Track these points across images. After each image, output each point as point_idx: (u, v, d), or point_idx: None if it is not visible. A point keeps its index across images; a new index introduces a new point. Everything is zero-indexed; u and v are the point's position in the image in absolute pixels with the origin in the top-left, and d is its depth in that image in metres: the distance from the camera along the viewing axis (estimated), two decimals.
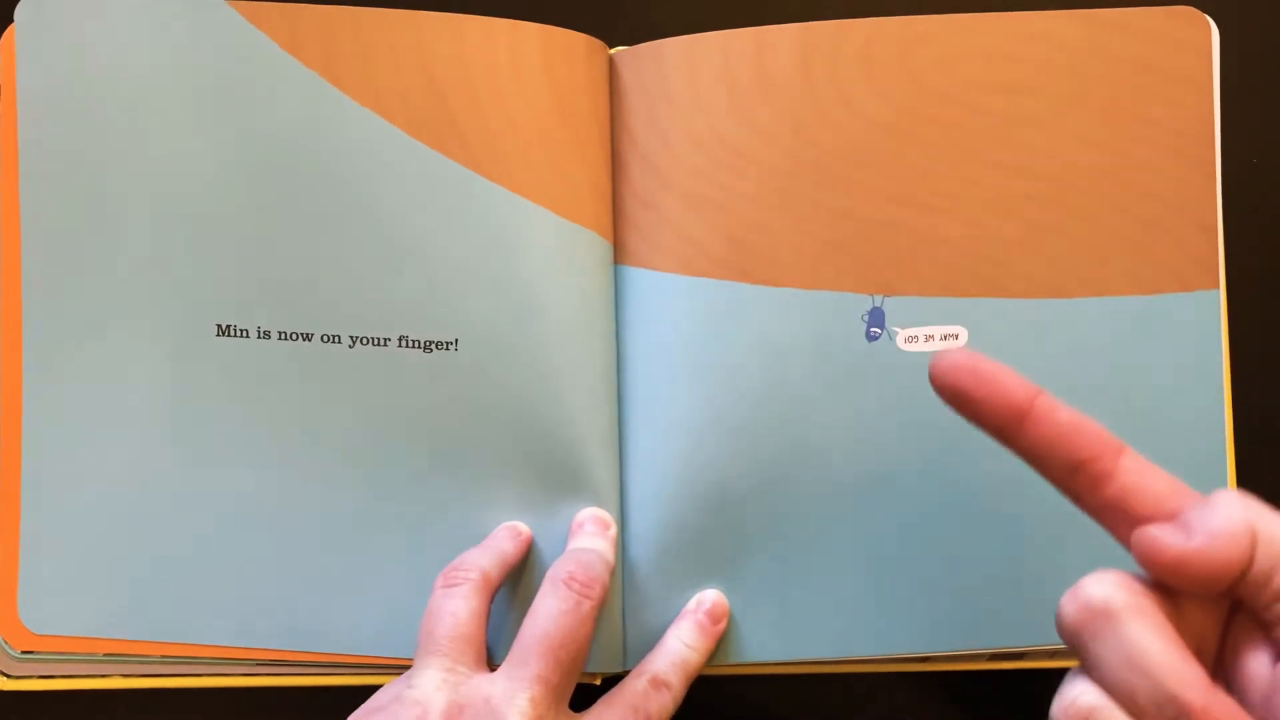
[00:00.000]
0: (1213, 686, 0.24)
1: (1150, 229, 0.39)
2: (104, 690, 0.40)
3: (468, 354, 0.38)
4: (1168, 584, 0.25)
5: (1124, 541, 0.26)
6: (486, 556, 0.36)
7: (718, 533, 0.38)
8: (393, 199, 0.38)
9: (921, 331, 0.39)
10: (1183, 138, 0.39)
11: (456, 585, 0.35)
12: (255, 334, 0.39)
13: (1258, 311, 0.41)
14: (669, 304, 0.39)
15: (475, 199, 0.38)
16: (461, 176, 0.38)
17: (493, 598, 0.36)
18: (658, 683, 0.36)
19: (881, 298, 0.39)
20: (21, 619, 0.39)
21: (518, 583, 0.38)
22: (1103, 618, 0.24)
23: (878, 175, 0.39)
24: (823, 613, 0.39)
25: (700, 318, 0.39)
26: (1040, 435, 0.26)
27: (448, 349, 0.38)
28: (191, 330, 0.39)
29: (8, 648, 0.39)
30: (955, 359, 0.27)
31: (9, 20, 0.39)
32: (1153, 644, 0.24)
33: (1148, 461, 0.26)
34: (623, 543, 0.39)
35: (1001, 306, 0.39)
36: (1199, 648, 0.25)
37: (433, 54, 0.38)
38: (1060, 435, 0.26)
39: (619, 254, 0.40)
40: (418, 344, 0.38)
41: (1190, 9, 0.39)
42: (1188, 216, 0.39)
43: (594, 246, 0.39)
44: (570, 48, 0.39)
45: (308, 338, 0.39)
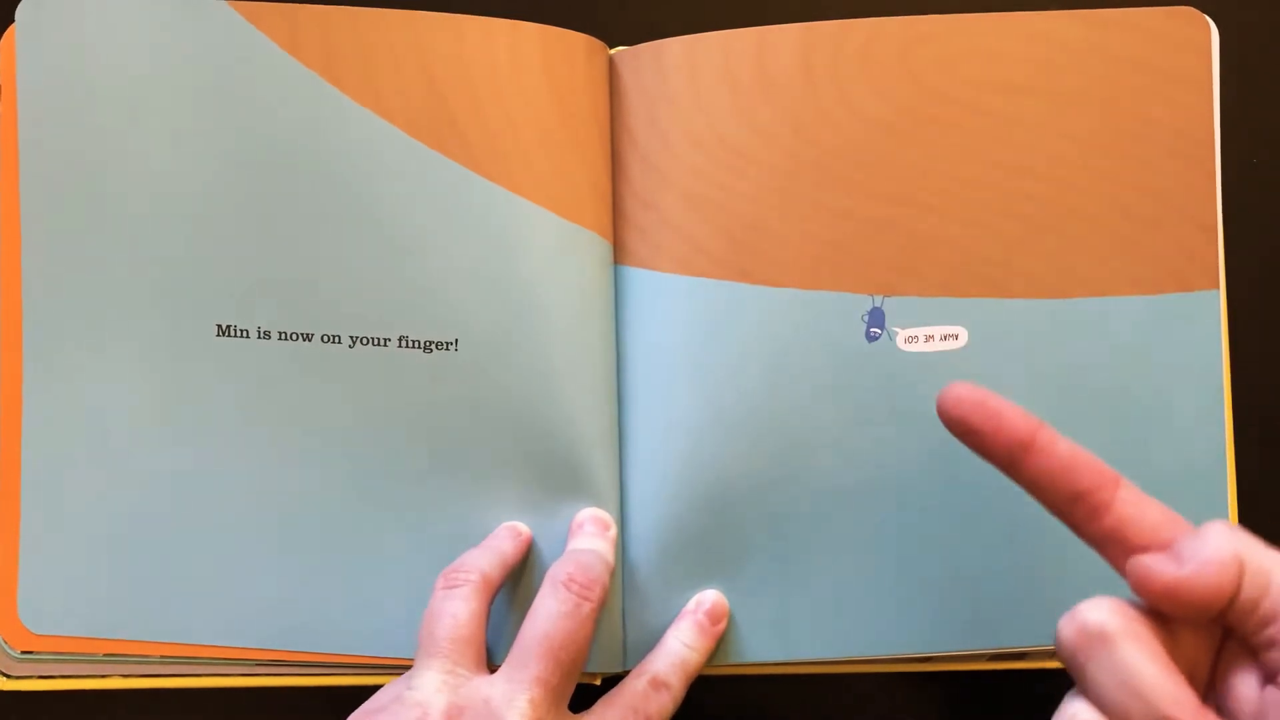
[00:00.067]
0: (1203, 708, 0.25)
1: (1150, 229, 0.39)
2: (104, 690, 0.40)
3: (468, 354, 0.38)
4: (1161, 610, 0.26)
5: (1120, 569, 0.27)
6: (486, 557, 0.36)
7: (718, 533, 0.38)
8: (393, 199, 0.38)
9: (921, 331, 0.39)
10: (1183, 138, 0.39)
11: (457, 586, 0.35)
12: (255, 334, 0.39)
13: (1258, 311, 0.41)
14: (669, 304, 0.39)
15: (475, 199, 0.38)
16: (461, 177, 0.38)
17: (493, 599, 0.36)
18: (657, 683, 0.36)
19: (881, 298, 0.39)
20: (21, 619, 0.39)
21: (518, 583, 0.38)
22: (1098, 640, 0.26)
23: (878, 175, 0.39)
24: (823, 613, 0.39)
25: (700, 318, 0.39)
26: (1041, 467, 0.28)
27: (448, 349, 0.38)
28: (191, 330, 0.39)
29: (8, 648, 0.39)
30: (962, 394, 0.29)
31: (10, 20, 0.39)
32: (1146, 666, 0.25)
33: (1144, 493, 0.28)
34: (623, 543, 0.39)
35: (1001, 306, 0.39)
36: (1192, 672, 0.27)
37: (433, 54, 0.38)
38: (1060, 467, 0.28)
39: (619, 254, 0.40)
40: (418, 344, 0.38)
41: (1190, 9, 0.39)
42: (1188, 216, 0.39)
43: (594, 246, 0.39)
44: (570, 48, 0.39)
45: (308, 338, 0.39)
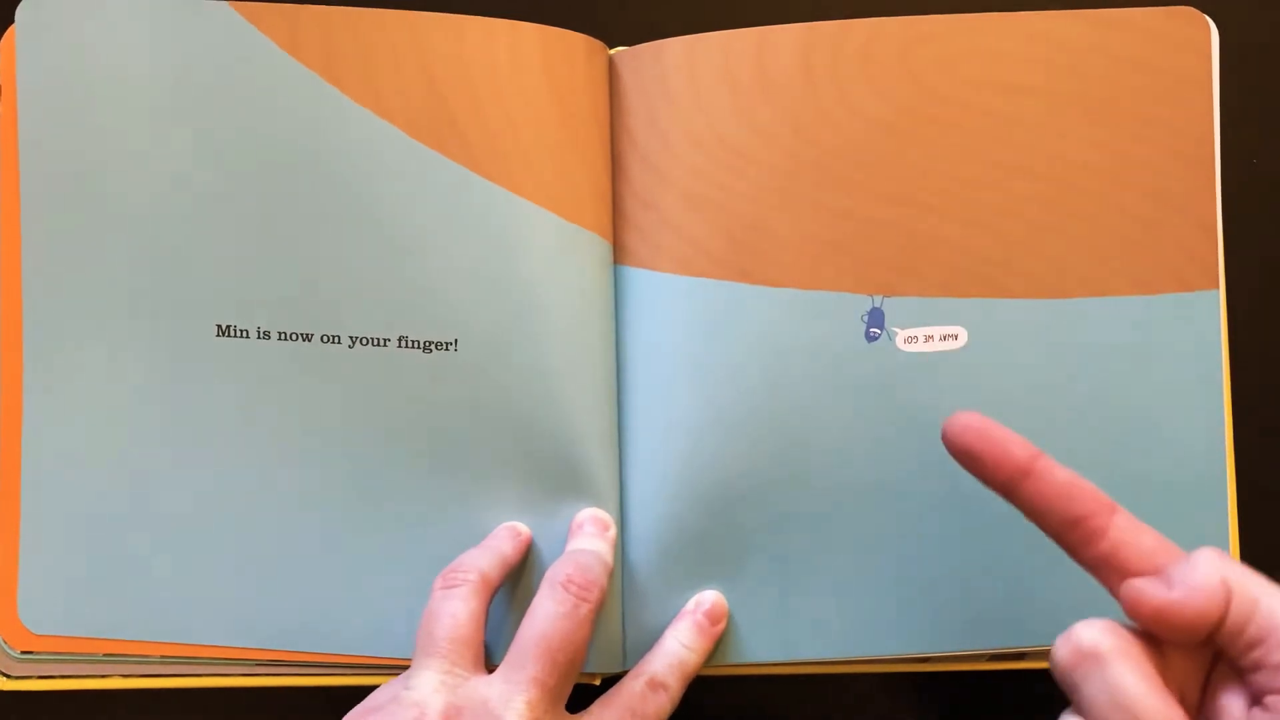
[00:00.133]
0: None
1: (1150, 229, 0.39)
2: (104, 690, 0.40)
3: (468, 354, 0.38)
4: (1152, 632, 0.28)
5: (1114, 593, 0.28)
6: (486, 558, 0.36)
7: (717, 533, 0.38)
8: (392, 199, 0.38)
9: (921, 332, 0.39)
10: (1183, 138, 0.39)
11: (456, 587, 0.35)
12: (255, 334, 0.39)
13: (1258, 311, 0.41)
14: (669, 304, 0.39)
15: (475, 199, 0.38)
16: (461, 177, 0.38)
17: (492, 599, 0.36)
18: (655, 684, 0.36)
19: (881, 298, 0.39)
20: (21, 619, 0.39)
21: (517, 583, 0.38)
22: (1091, 659, 0.27)
23: (878, 175, 0.39)
24: (822, 613, 0.39)
25: (700, 318, 0.39)
26: (1040, 493, 0.29)
27: (448, 349, 0.38)
28: (191, 330, 0.39)
29: (8, 648, 0.39)
30: (967, 422, 0.30)
31: (10, 21, 0.39)
32: (1136, 685, 0.26)
33: (1138, 521, 0.29)
34: (622, 543, 0.39)
35: (1001, 306, 0.39)
36: (1182, 694, 0.28)
37: (433, 54, 0.38)
38: (1058, 494, 0.29)
39: (619, 254, 0.40)
40: (418, 344, 0.38)
41: (1190, 9, 0.39)
42: (1188, 216, 0.39)
43: (594, 247, 0.39)
44: (570, 48, 0.39)
45: (308, 338, 0.39)
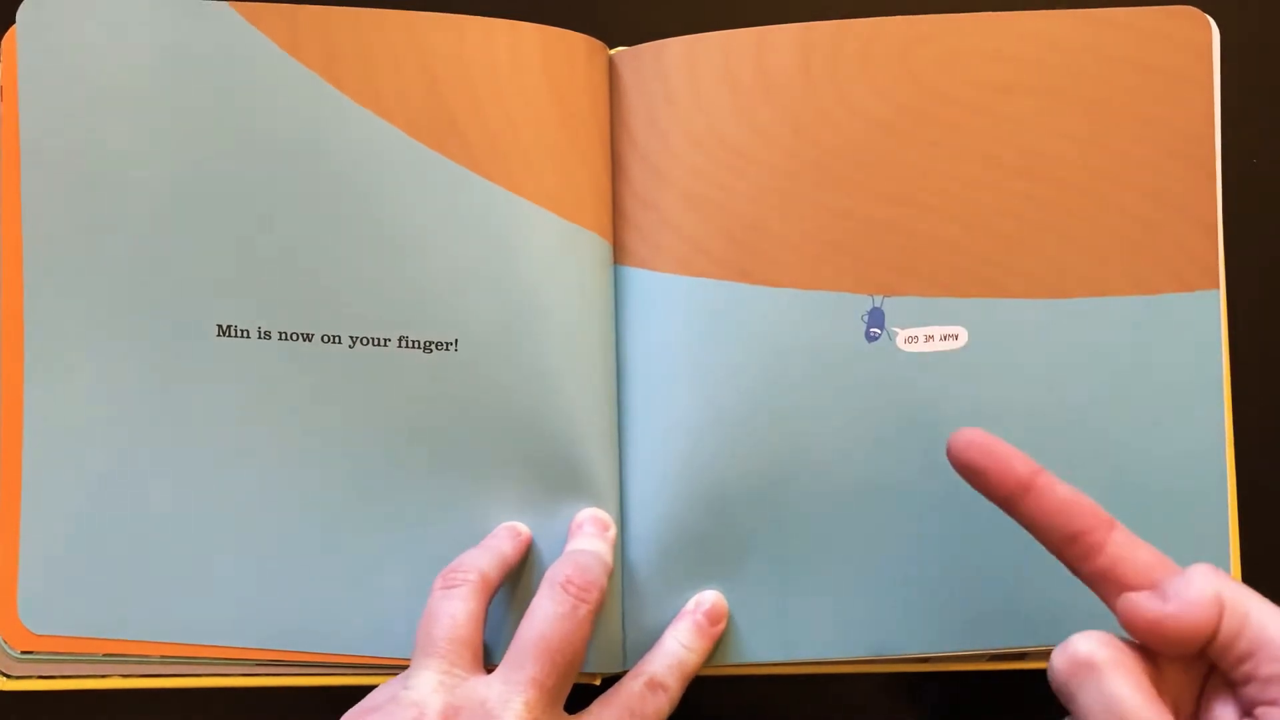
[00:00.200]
0: None
1: (1150, 229, 0.39)
2: (104, 690, 0.40)
3: (468, 354, 0.38)
4: (1147, 644, 0.28)
5: (1111, 606, 0.29)
6: (485, 558, 0.36)
7: (717, 533, 0.38)
8: (393, 200, 0.38)
9: (921, 331, 0.39)
10: (1183, 138, 0.39)
11: (455, 587, 0.35)
12: (255, 334, 0.39)
13: (1258, 311, 0.41)
14: (669, 304, 0.39)
15: (475, 199, 0.38)
16: (461, 177, 0.38)
17: (491, 599, 0.36)
18: (654, 684, 0.36)
19: (881, 298, 0.39)
20: (21, 619, 0.39)
21: (517, 583, 0.38)
22: (1086, 669, 0.28)
23: (878, 175, 0.39)
24: (822, 613, 0.39)
25: (700, 318, 0.39)
26: (1040, 508, 0.30)
27: (448, 349, 0.38)
28: (191, 330, 0.39)
29: (8, 648, 0.39)
30: (970, 438, 0.31)
31: (10, 21, 0.39)
32: (1130, 695, 0.27)
33: (1136, 537, 0.30)
34: (622, 543, 0.39)
35: (1001, 306, 0.39)
36: (1176, 706, 0.29)
37: (433, 54, 0.38)
38: (1058, 509, 0.30)
39: (619, 254, 0.40)
40: (418, 344, 0.38)
41: (1190, 8, 0.39)
42: (1188, 216, 0.39)
43: (594, 247, 0.39)
44: (570, 48, 0.39)
45: (308, 338, 0.39)
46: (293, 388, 0.39)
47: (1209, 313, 0.39)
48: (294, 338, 0.39)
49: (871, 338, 0.39)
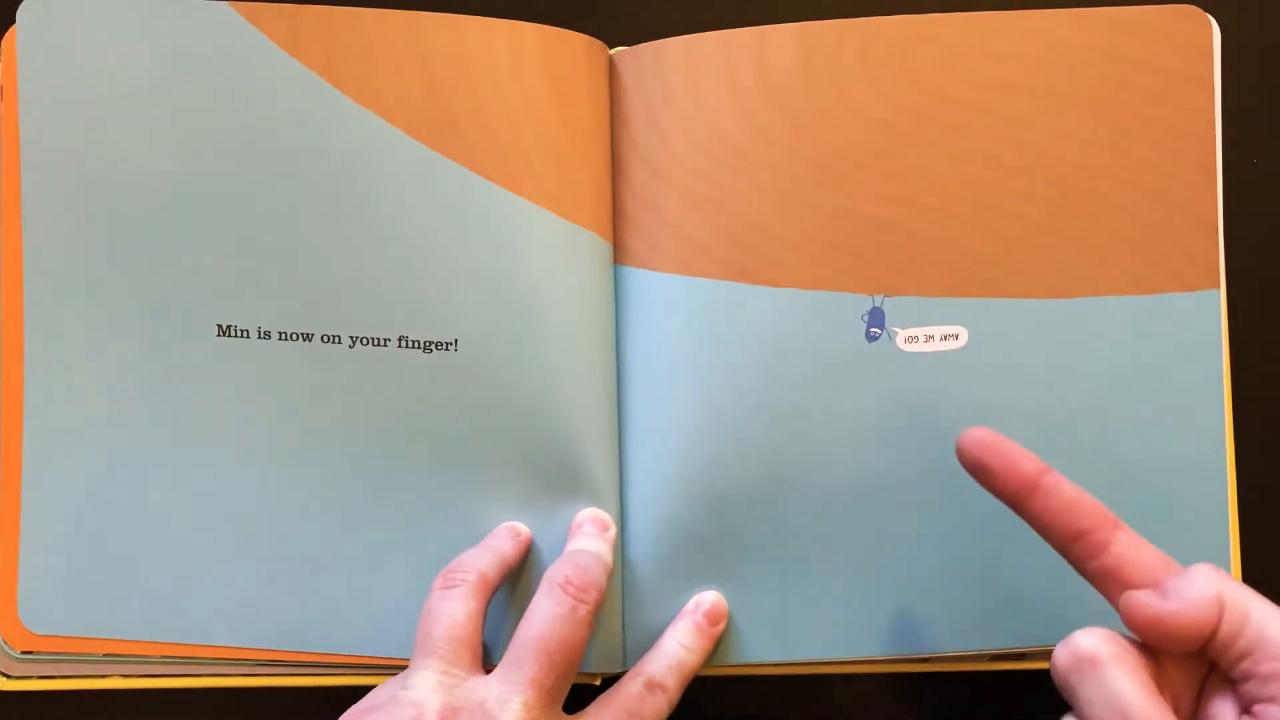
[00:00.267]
0: None
1: (1150, 229, 0.39)
2: (104, 690, 0.40)
3: (468, 354, 0.38)
4: (1148, 641, 0.29)
5: (1114, 604, 0.30)
6: (485, 558, 0.36)
7: (717, 533, 0.38)
8: (393, 200, 0.38)
9: (921, 331, 0.39)
10: (1183, 137, 0.39)
11: (454, 587, 0.35)
12: (255, 334, 0.39)
13: (1258, 311, 0.41)
14: (669, 304, 0.39)
15: (475, 199, 0.38)
16: (461, 177, 0.38)
17: (491, 599, 0.36)
18: (653, 685, 0.36)
19: (881, 298, 0.39)
20: (21, 619, 0.39)
21: (516, 583, 0.38)
22: (1088, 664, 0.28)
23: (878, 175, 0.39)
24: (822, 613, 0.39)
25: (700, 318, 0.38)
26: (1046, 507, 0.31)
27: (448, 349, 0.38)
28: (191, 330, 0.39)
29: (8, 648, 0.39)
30: (978, 437, 0.31)
31: (10, 21, 0.39)
32: (1131, 690, 0.27)
33: (1140, 537, 0.30)
34: (622, 543, 0.39)
35: (1001, 306, 0.39)
36: (1177, 702, 0.29)
37: (433, 54, 0.38)
38: (1064, 508, 0.30)
39: (619, 254, 0.40)
40: (418, 344, 0.38)
41: (1191, 7, 0.39)
42: (1188, 216, 0.39)
43: (594, 247, 0.39)
44: (570, 48, 0.39)
45: (308, 338, 0.39)
46: (293, 388, 0.39)
47: (1209, 313, 0.39)
48: (294, 338, 0.39)
49: (872, 338, 0.39)
